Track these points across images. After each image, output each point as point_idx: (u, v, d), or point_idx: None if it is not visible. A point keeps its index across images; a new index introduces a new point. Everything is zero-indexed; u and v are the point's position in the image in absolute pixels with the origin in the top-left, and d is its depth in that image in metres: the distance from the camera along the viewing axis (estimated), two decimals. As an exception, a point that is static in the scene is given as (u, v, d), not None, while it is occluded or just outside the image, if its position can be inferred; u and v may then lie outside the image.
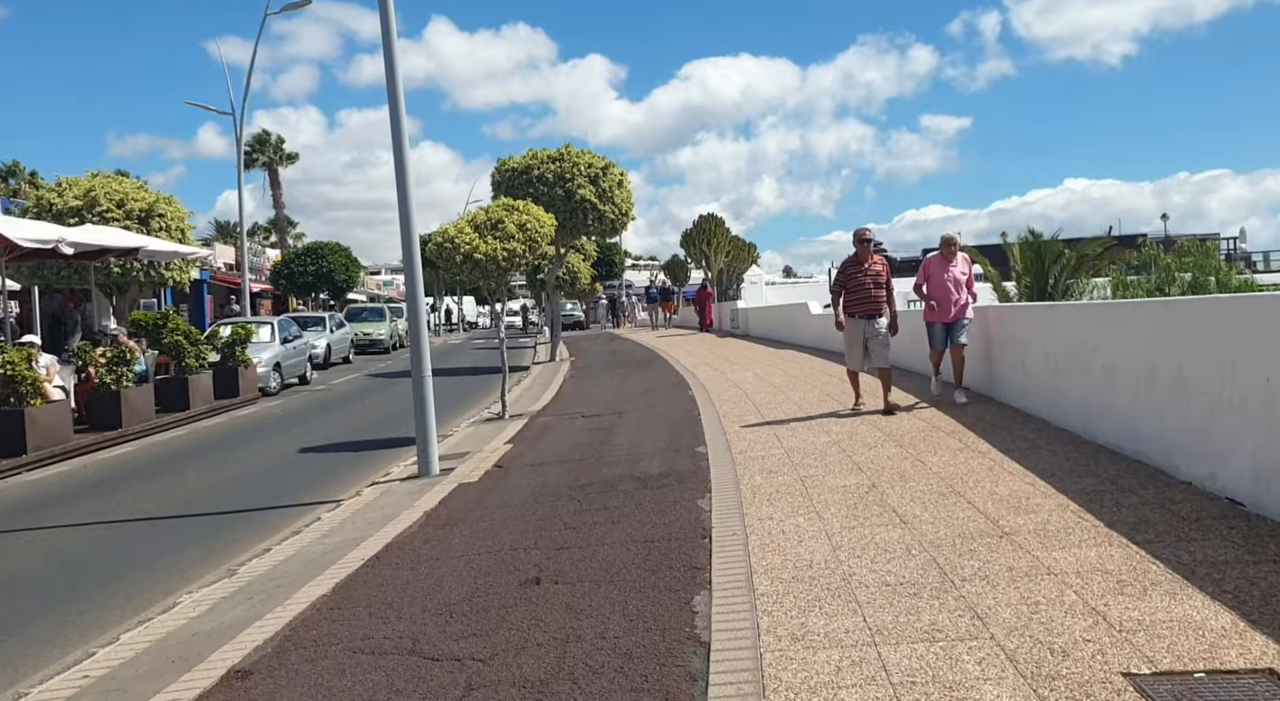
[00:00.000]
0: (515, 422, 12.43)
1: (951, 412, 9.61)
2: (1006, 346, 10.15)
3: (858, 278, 10.01)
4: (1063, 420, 8.27)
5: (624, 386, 16.23)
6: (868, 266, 10.01)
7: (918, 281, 10.35)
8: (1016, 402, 9.65)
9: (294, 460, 11.67)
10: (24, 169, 47.41)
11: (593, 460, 8.95)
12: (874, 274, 10.02)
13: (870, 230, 10.23)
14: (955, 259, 10.17)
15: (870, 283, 9.97)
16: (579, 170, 23.70)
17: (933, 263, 10.30)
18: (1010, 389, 9.93)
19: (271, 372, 19.65)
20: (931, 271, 10.20)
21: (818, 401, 11.61)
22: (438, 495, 8.03)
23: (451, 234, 12.50)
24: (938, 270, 10.15)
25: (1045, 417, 8.71)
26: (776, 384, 14.06)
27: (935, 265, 10.22)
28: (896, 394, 10.43)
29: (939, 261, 10.22)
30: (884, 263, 10.28)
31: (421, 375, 9.21)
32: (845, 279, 10.17)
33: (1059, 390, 8.47)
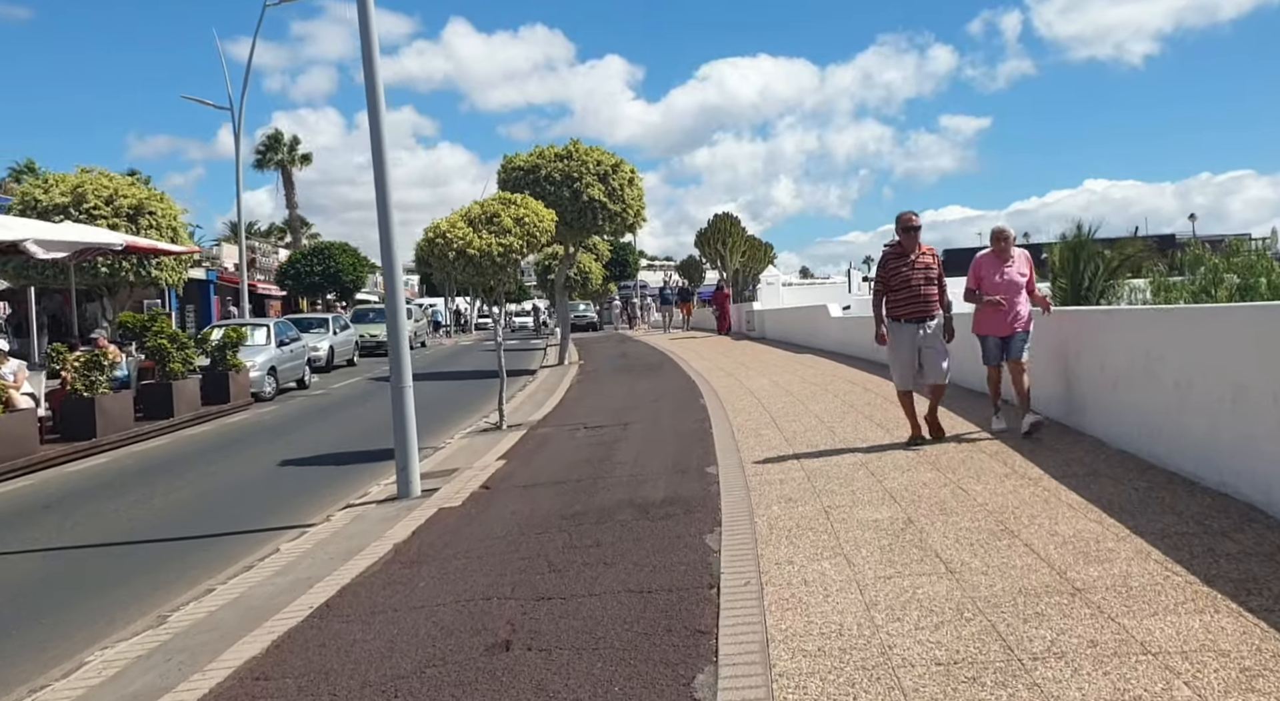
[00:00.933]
0: (512, 434, 11.51)
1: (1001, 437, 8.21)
2: (1053, 355, 9.02)
3: (903, 273, 8.17)
4: (1123, 441, 7.28)
5: (632, 393, 15.30)
6: (915, 258, 8.17)
7: (970, 285, 8.42)
8: (1064, 418, 8.62)
9: (273, 475, 10.79)
10: (39, 168, 46.79)
11: (590, 481, 8.02)
12: (923, 267, 8.18)
13: (917, 216, 8.26)
14: (1011, 256, 8.34)
15: (919, 279, 8.15)
16: (587, 168, 22.78)
17: (984, 262, 8.39)
18: (1056, 402, 8.90)
19: (266, 377, 18.81)
20: (983, 272, 8.35)
21: (839, 413, 10.64)
22: (412, 523, 7.11)
23: (443, 229, 11.60)
24: (991, 270, 8.33)
25: (1100, 437, 7.72)
26: (795, 392, 13.10)
27: (988, 264, 8.36)
28: (946, 418, 8.73)
29: (991, 260, 8.37)
30: (934, 253, 8.37)
31: (401, 385, 8.31)
32: (888, 276, 8.25)
33: (1118, 407, 7.47)
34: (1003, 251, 8.35)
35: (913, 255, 8.19)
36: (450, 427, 13.44)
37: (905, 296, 8.19)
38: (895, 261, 8.24)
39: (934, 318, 8.22)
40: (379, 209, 8.26)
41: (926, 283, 8.20)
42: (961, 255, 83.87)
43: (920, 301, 8.18)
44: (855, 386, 13.13)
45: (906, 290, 8.18)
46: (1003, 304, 8.17)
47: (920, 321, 8.19)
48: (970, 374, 10.53)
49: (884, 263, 8.36)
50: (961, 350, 9.15)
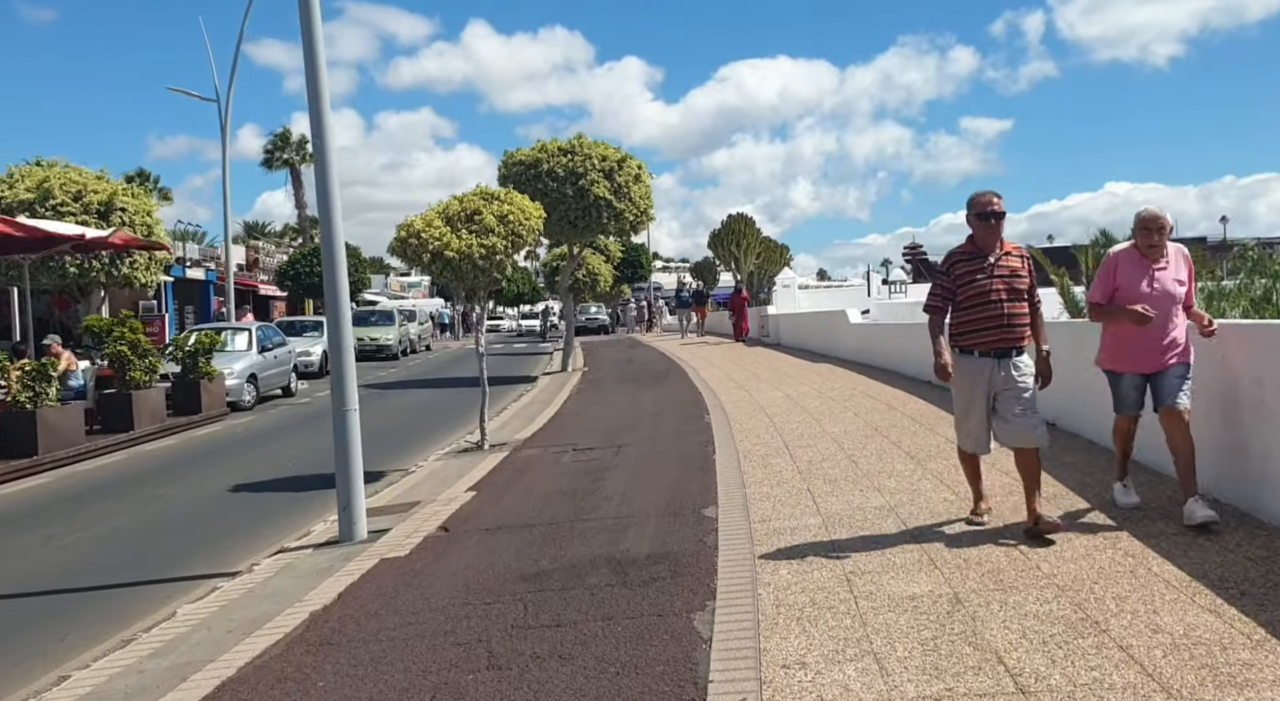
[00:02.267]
0: (492, 456, 10.24)
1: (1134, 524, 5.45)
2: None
3: (979, 283, 5.46)
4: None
5: (633, 406, 14.02)
6: (997, 261, 5.49)
7: (1096, 295, 5.72)
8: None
9: (218, 503, 9.55)
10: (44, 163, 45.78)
11: (566, 525, 6.73)
12: (1007, 274, 5.48)
13: (1000, 199, 5.55)
14: (1165, 255, 5.59)
15: (1003, 291, 5.44)
16: (592, 164, 21.51)
17: (1124, 261, 5.61)
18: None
19: (245, 385, 17.61)
20: (1124, 277, 5.57)
21: (861, 437, 9.32)
22: (342, 581, 5.84)
23: (418, 227, 10.34)
24: (1135, 275, 5.55)
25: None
26: (810, 409, 11.78)
27: (1129, 266, 5.59)
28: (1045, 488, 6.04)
29: (1134, 260, 5.60)
30: (1025, 255, 5.66)
31: (344, 409, 7.04)
32: (955, 285, 5.56)
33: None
34: (1153, 247, 5.54)
35: (993, 256, 5.51)
36: (429, 445, 12.19)
37: (981, 317, 5.46)
38: (966, 265, 5.52)
39: (1022, 349, 5.55)
40: (319, 195, 7.01)
41: (1012, 297, 5.47)
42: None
43: (1004, 325, 5.43)
44: (878, 403, 11.80)
45: (983, 307, 5.45)
46: (1150, 316, 5.36)
47: (1003, 354, 5.47)
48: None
49: (952, 264, 5.62)
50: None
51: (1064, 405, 8.25)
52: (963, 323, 5.58)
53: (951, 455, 7.86)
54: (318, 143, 6.95)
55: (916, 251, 52.83)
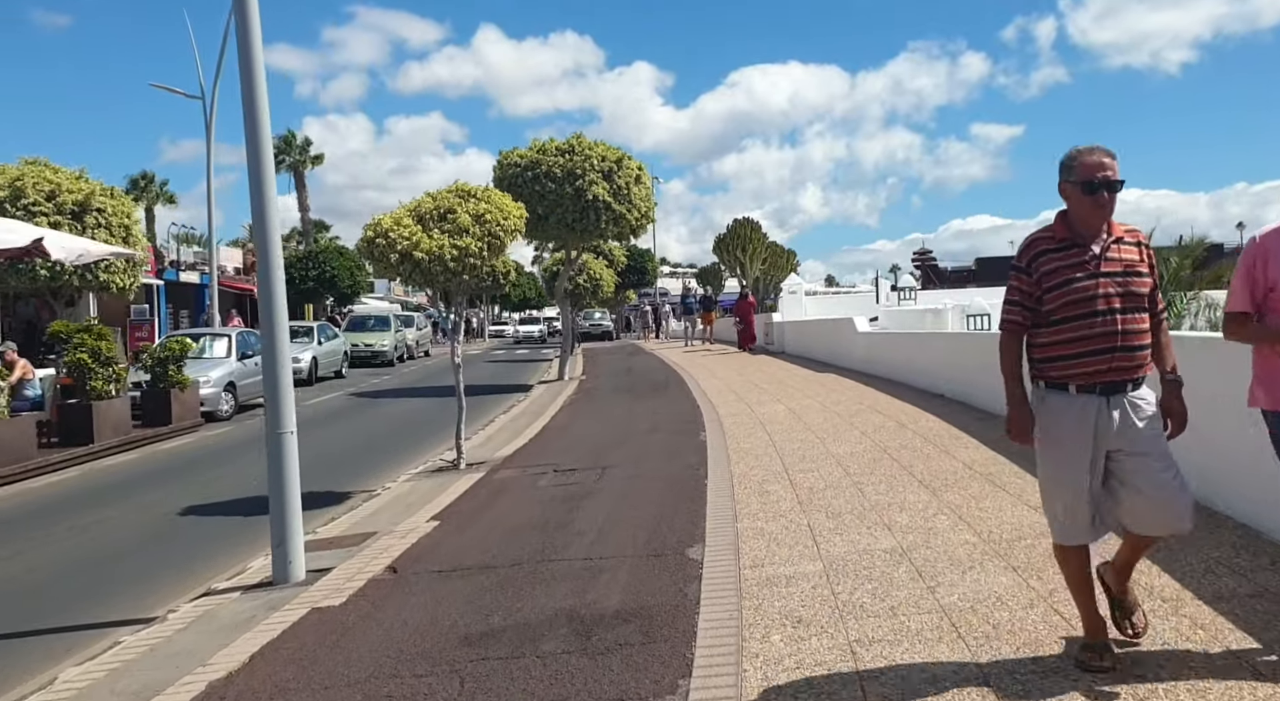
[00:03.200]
0: (466, 478, 9.38)
1: None
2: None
3: (1078, 286, 3.59)
4: None
5: (626, 420, 13.15)
6: (1104, 250, 3.65)
7: (1239, 302, 3.75)
8: None
9: (160, 529, 8.71)
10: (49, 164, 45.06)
11: (530, 567, 5.86)
12: (1120, 272, 3.62)
13: (1113, 158, 3.70)
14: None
15: (1116, 296, 3.59)
16: (591, 164, 20.67)
17: (1277, 247, 3.68)
18: None
19: (222, 394, 16.79)
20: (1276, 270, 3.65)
21: (869, 460, 8.44)
22: (259, 639, 4.98)
23: (386, 226, 9.50)
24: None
25: None
26: (813, 425, 10.89)
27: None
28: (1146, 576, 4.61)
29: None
30: (1144, 243, 3.75)
31: (279, 432, 6.18)
32: (1038, 288, 3.67)
33: None
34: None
35: (1097, 244, 3.63)
36: (406, 462, 11.34)
37: (1082, 336, 3.57)
38: (1057, 258, 3.64)
39: (1141, 380, 3.67)
40: (252, 191, 6.16)
41: (1129, 304, 3.59)
42: (997, 264, 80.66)
43: (1117, 346, 3.56)
44: (886, 419, 10.91)
45: (1085, 321, 3.56)
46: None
47: (1114, 389, 3.61)
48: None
49: (1030, 260, 3.70)
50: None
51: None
52: (1052, 345, 3.62)
53: (970, 484, 6.99)
54: (250, 127, 6.10)
55: (925, 257, 51.95)
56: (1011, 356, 3.77)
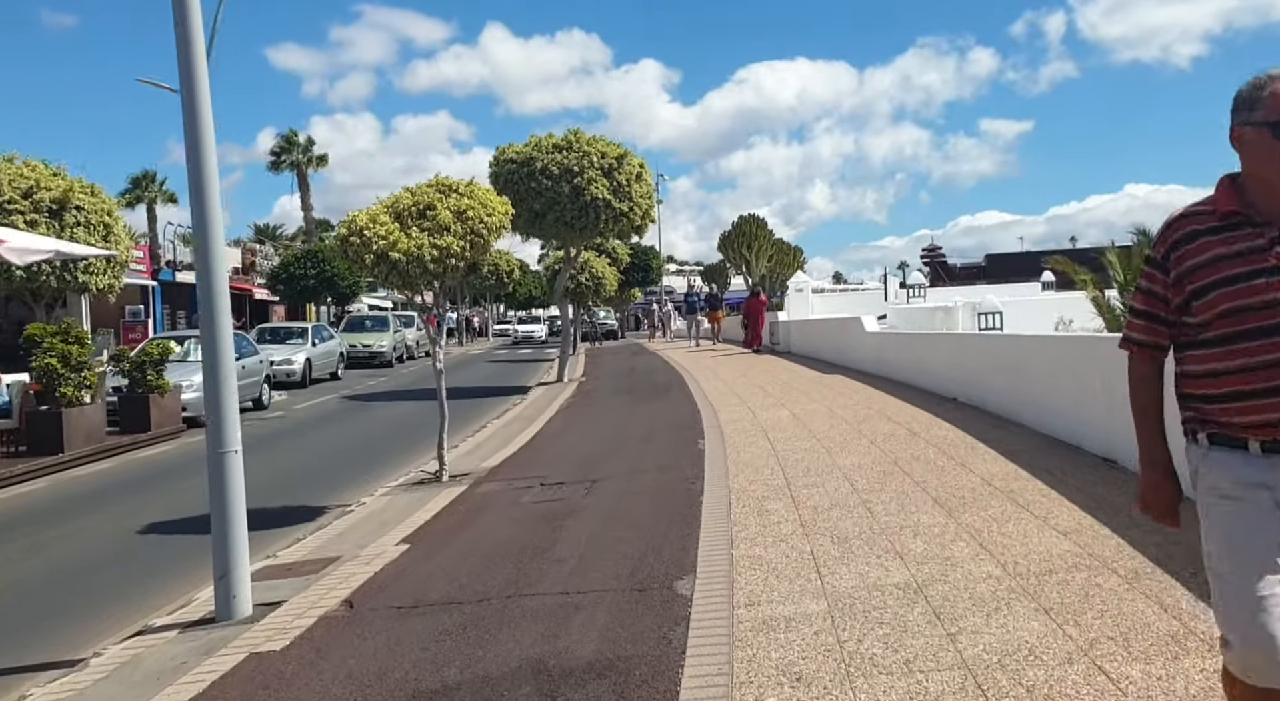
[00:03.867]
0: (446, 493, 8.77)
1: None
2: None
3: (1248, 282, 2.32)
4: None
5: (622, 427, 12.54)
6: None
7: None
8: None
9: (113, 551, 8.11)
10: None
11: (499, 604, 5.24)
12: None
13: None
14: None
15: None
16: (590, 161, 20.06)
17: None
18: None
19: (206, 399, 16.16)
20: None
21: (879, 475, 7.79)
22: (182, 694, 4.36)
23: (360, 224, 8.88)
24: None
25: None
26: (819, 433, 10.25)
27: None
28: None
29: None
30: None
31: (221, 452, 5.56)
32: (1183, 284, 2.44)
33: None
34: None
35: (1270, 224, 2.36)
36: (385, 474, 10.73)
37: (1258, 362, 2.32)
38: (1216, 240, 2.41)
39: None
40: (191, 182, 5.55)
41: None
42: (1007, 260, 79.56)
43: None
44: (897, 427, 10.26)
45: (1265, 337, 2.31)
46: None
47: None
48: None
49: (1170, 246, 2.49)
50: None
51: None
52: (1211, 377, 2.42)
53: (990, 504, 6.35)
54: (189, 117, 5.48)
55: (935, 253, 51.15)
56: (1144, 391, 2.62)
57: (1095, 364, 7.62)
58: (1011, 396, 9.89)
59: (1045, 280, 40.25)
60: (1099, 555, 5.09)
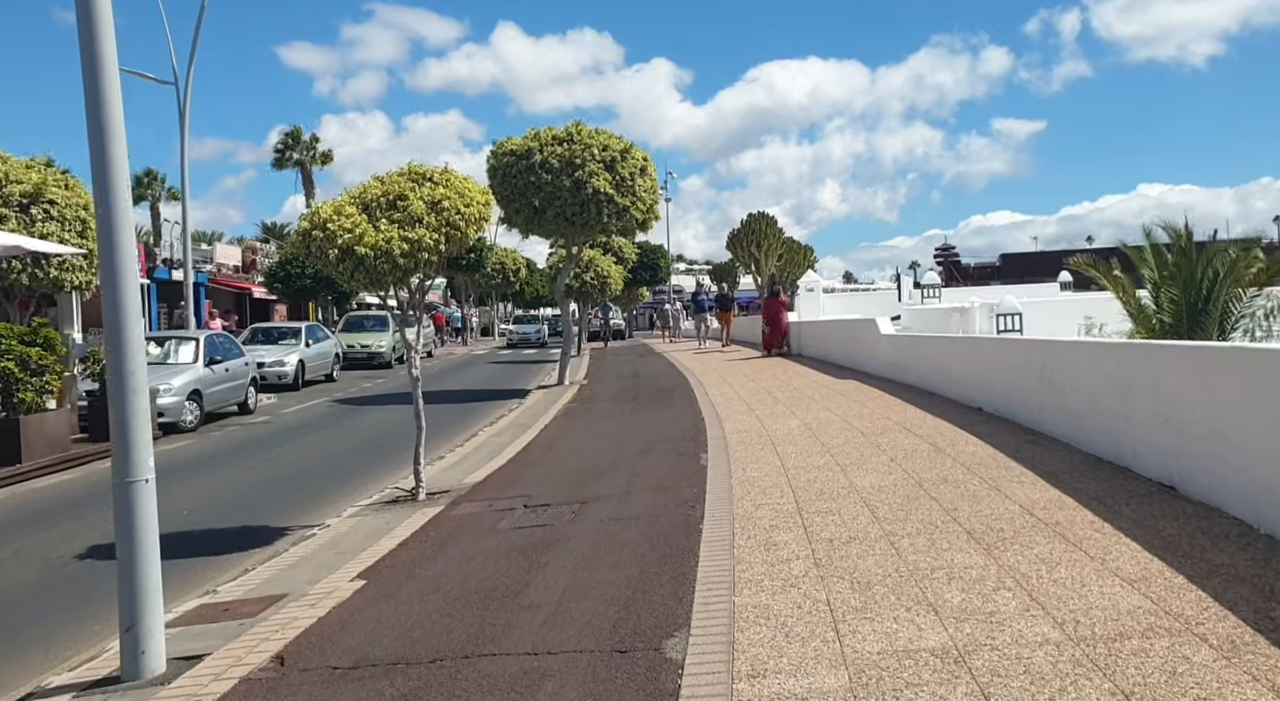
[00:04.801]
0: (420, 514, 7.90)
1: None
2: None
3: None
4: None
5: (620, 438, 11.65)
6: None
7: None
8: None
9: (57, 575, 7.30)
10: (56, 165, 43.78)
11: (453, 664, 4.37)
12: None
13: None
14: None
15: None
16: (591, 154, 19.16)
17: None
18: None
19: (185, 403, 15.36)
20: None
21: (902, 498, 6.89)
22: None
23: (324, 216, 8.01)
24: None
25: None
26: (833, 447, 9.35)
27: None
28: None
29: None
30: None
31: (127, 481, 4.69)
32: None
33: None
34: None
35: None
36: (360, 489, 9.89)
37: None
38: None
39: None
40: (94, 174, 4.68)
41: None
42: (1023, 260, 78.46)
43: None
44: (919, 440, 9.35)
45: None
46: None
47: None
48: None
49: None
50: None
51: None
52: None
53: (1035, 539, 5.48)
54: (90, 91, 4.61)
55: (948, 253, 50.10)
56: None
57: (1150, 376, 6.72)
58: (1046, 408, 8.98)
59: (1063, 280, 39.31)
60: (1179, 614, 4.18)
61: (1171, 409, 6.27)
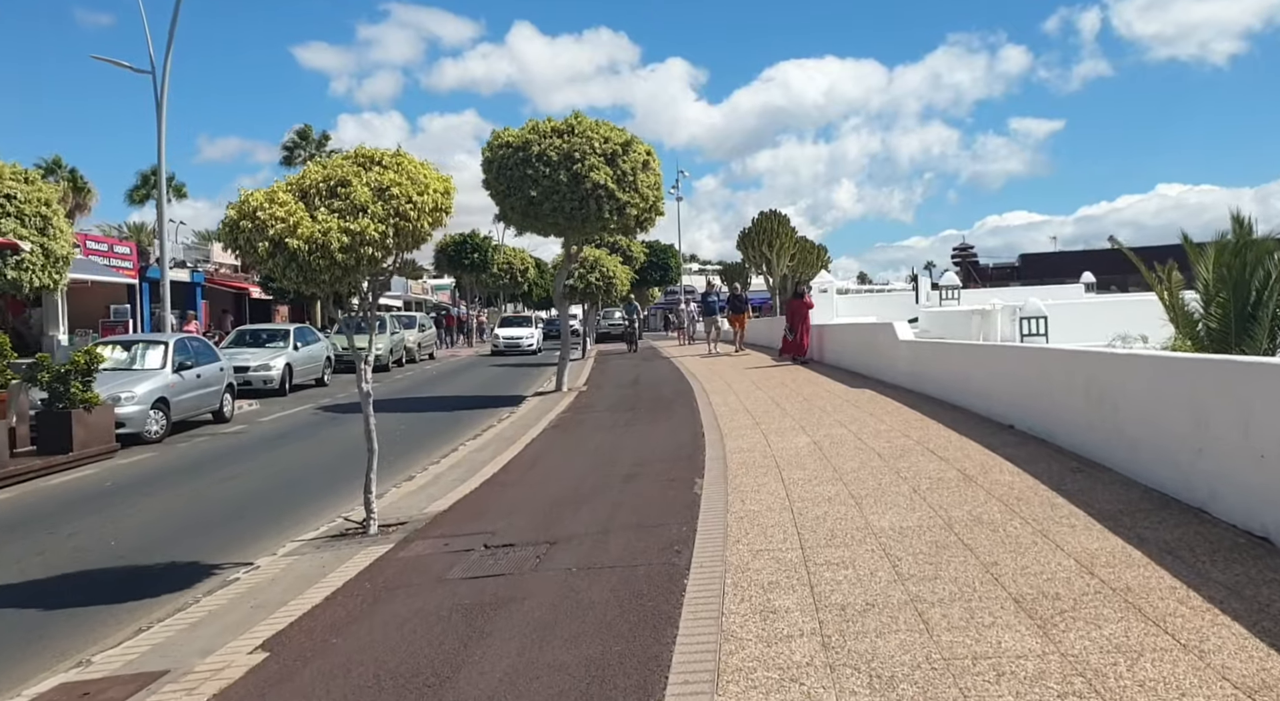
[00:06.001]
0: (360, 557, 6.77)
1: None
2: None
3: None
4: None
5: (608, 456, 10.50)
6: None
7: None
8: None
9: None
10: (65, 165, 42.78)
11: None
12: None
13: None
14: None
15: None
16: (591, 147, 18.02)
17: None
18: None
19: (150, 413, 14.28)
20: None
21: (930, 547, 5.70)
22: None
23: (254, 204, 6.88)
24: None
25: None
26: (846, 474, 8.17)
27: None
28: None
29: None
30: None
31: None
32: None
33: None
34: None
35: None
36: (315, 514, 8.82)
37: None
38: None
39: None
40: None
41: None
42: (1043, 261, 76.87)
43: None
44: (945, 465, 8.15)
45: None
46: None
47: None
48: None
49: None
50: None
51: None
52: None
53: (1105, 614, 4.30)
54: None
55: (966, 253, 48.62)
56: None
57: (1239, 401, 5.51)
58: (1093, 429, 7.78)
59: (1087, 281, 37.97)
60: None
61: (1269, 443, 5.07)
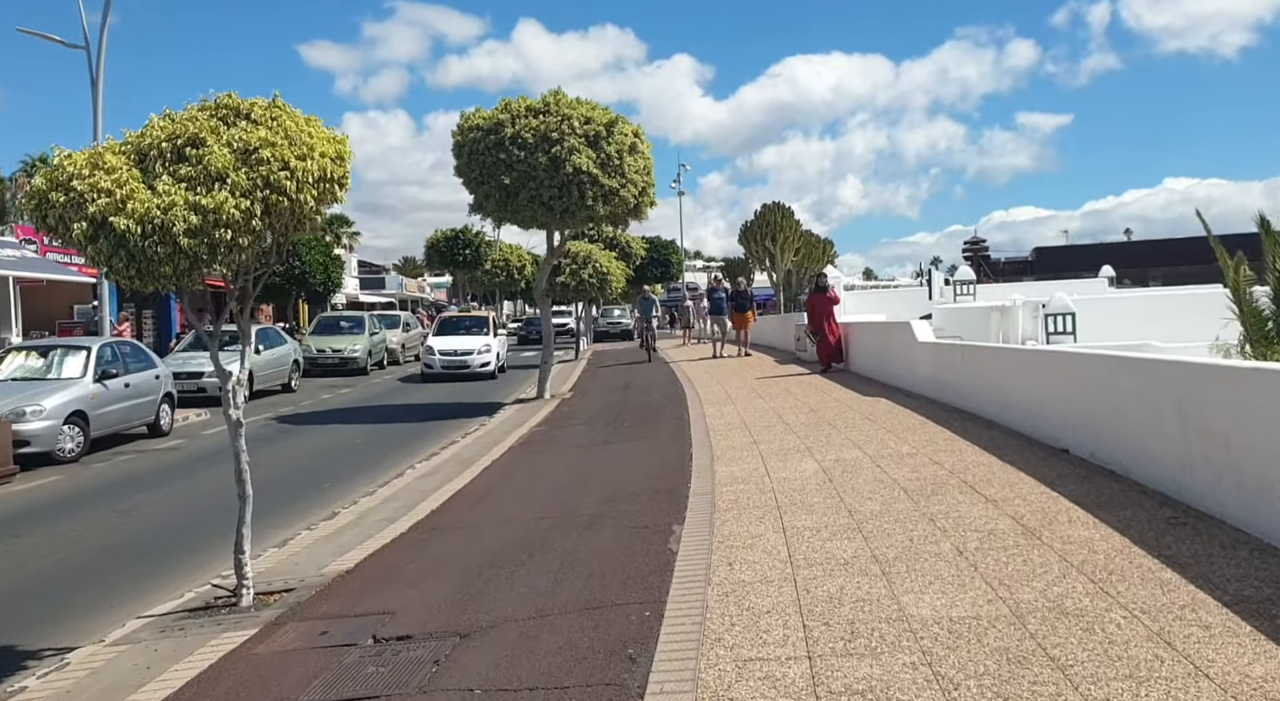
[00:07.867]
0: (202, 653, 4.97)
1: None
2: None
3: None
4: None
5: (574, 489, 8.69)
6: None
7: None
8: None
9: None
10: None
11: None
12: None
13: None
14: None
15: None
16: (571, 127, 16.20)
17: None
18: None
19: (62, 428, 12.47)
20: None
21: (998, 652, 3.86)
22: None
23: (70, 172, 5.07)
24: None
25: None
26: (865, 517, 6.33)
27: None
28: None
29: None
30: None
31: None
32: None
33: None
34: None
35: None
36: (193, 571, 6.98)
37: None
38: None
39: None
40: None
41: None
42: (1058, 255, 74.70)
43: None
44: (993, 509, 6.32)
45: None
46: None
47: None
48: None
49: None
50: None
51: None
52: None
53: None
54: None
55: (978, 247, 46.58)
56: None
57: None
58: (1192, 467, 5.95)
59: (1108, 275, 36.06)
60: None
61: None
